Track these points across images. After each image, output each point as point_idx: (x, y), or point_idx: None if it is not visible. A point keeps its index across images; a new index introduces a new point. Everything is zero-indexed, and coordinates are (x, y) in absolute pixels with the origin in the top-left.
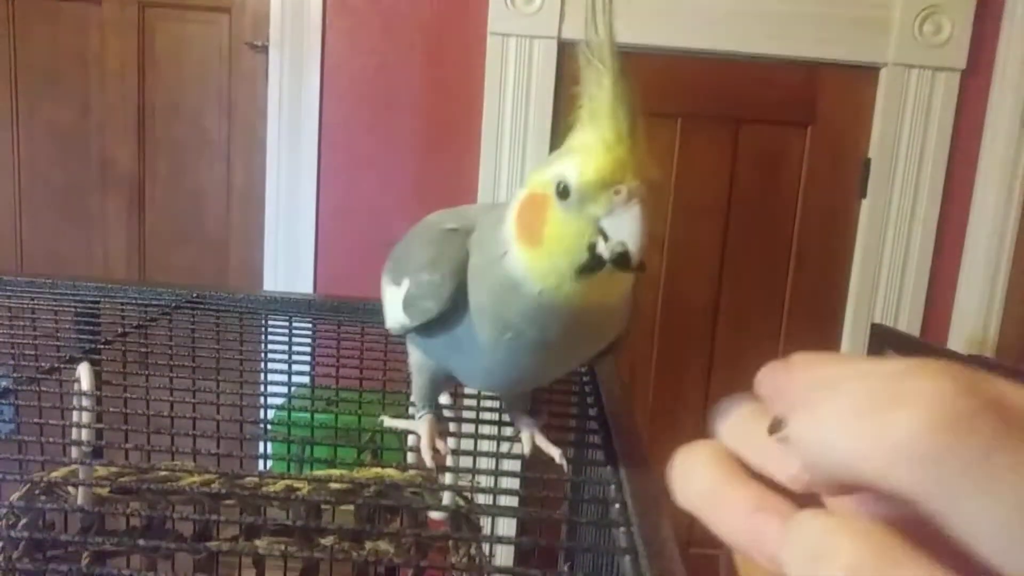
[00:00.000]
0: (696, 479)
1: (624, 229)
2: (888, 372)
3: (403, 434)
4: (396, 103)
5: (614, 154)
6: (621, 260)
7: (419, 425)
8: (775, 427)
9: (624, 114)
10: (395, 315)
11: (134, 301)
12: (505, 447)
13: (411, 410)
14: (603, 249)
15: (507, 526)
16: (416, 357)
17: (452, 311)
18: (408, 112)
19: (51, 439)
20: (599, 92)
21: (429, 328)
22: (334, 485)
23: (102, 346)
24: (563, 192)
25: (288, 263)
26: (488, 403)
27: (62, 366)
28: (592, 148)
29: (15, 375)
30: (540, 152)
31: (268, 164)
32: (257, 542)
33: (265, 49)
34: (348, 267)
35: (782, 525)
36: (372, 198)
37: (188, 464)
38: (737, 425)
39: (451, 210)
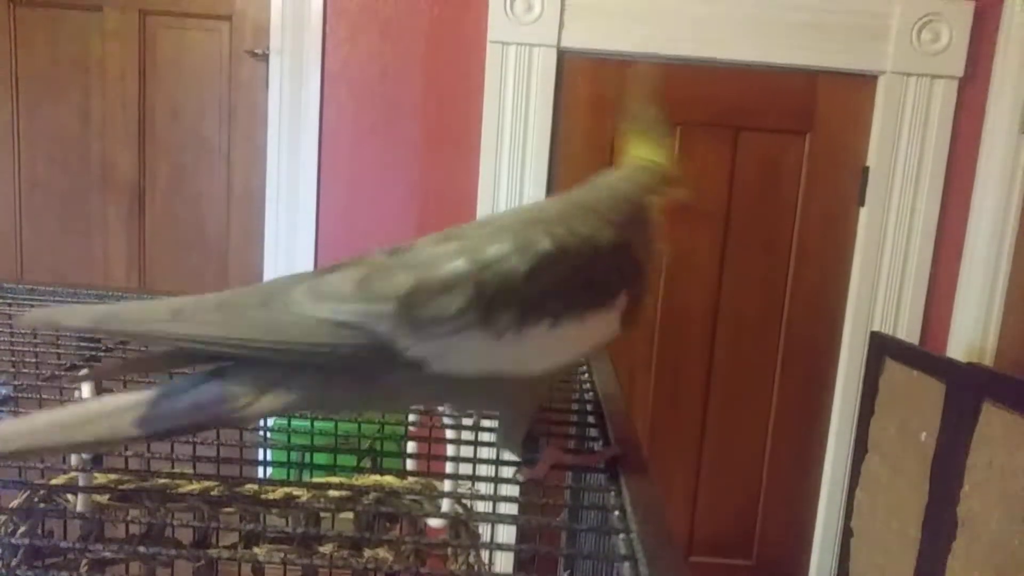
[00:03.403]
0: None
1: None
2: None
3: (403, 441)
4: (396, 110)
5: None
6: None
7: (552, 456)
8: None
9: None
10: (601, 334)
11: None
12: (504, 453)
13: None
14: None
15: (506, 533)
16: (530, 394)
17: None
18: (408, 120)
19: None
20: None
21: None
22: (333, 492)
23: (102, 353)
24: None
25: (288, 269)
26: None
27: (62, 373)
28: None
29: (16, 383)
30: (539, 160)
31: (268, 171)
32: (256, 549)
33: (265, 57)
34: None
35: None
36: (372, 205)
37: (188, 471)
38: None
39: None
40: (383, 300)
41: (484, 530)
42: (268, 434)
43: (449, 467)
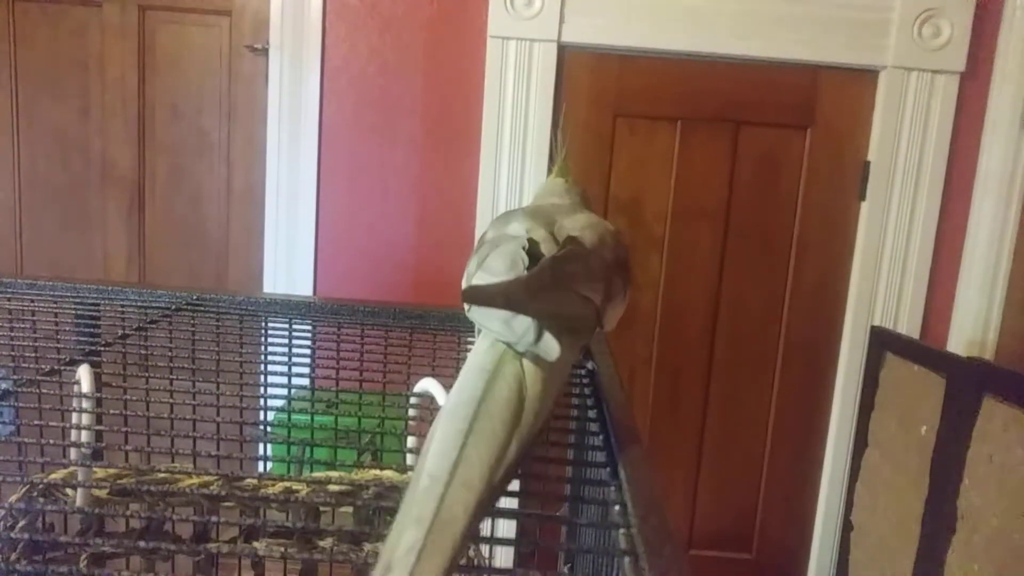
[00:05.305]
0: None
1: None
2: None
3: (403, 435)
4: (396, 106)
5: None
6: None
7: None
8: None
9: None
10: None
11: (134, 303)
12: None
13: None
14: None
15: (507, 527)
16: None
17: None
18: (408, 115)
19: (51, 441)
20: None
21: None
22: (333, 487)
23: (102, 348)
24: None
25: (288, 265)
26: None
27: (62, 368)
28: None
29: (15, 377)
30: (540, 154)
31: (268, 166)
32: (256, 544)
33: (265, 52)
34: (348, 269)
35: None
36: (372, 200)
37: (188, 466)
38: None
39: None
40: (598, 282)
41: (484, 524)
42: (268, 428)
43: None
